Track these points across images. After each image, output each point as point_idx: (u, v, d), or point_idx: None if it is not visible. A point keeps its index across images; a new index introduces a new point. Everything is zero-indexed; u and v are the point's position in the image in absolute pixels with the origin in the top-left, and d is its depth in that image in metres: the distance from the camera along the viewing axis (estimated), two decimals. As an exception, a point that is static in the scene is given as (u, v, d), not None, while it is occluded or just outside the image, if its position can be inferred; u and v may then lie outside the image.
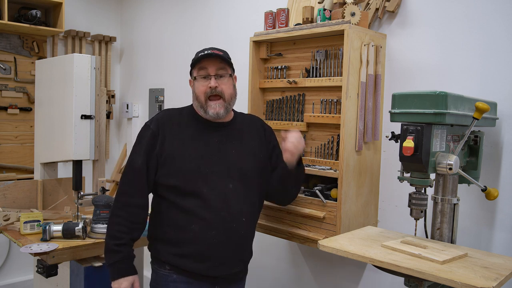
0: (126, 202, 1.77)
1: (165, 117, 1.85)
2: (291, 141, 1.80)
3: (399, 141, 1.64)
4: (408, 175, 1.68)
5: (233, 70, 1.87)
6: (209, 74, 1.78)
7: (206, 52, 1.78)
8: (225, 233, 1.74)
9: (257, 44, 2.39)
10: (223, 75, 1.80)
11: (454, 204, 1.73)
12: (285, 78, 2.33)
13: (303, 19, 2.20)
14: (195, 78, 1.82)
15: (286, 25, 2.29)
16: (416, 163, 1.58)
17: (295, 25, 2.21)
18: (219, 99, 1.78)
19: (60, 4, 3.53)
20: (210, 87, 1.76)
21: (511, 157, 1.84)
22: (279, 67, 2.36)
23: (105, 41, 4.05)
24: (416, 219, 1.69)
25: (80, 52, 3.86)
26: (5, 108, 3.55)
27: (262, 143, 1.93)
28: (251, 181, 1.83)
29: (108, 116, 4.06)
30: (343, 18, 2.01)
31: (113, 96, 4.10)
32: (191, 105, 1.90)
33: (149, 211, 1.88)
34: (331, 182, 2.12)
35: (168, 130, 1.80)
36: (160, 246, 1.80)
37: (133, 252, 1.80)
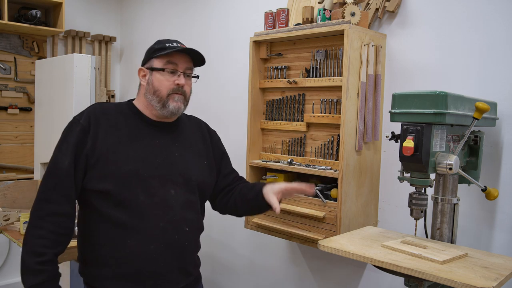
0: (52, 211, 1.46)
1: (97, 110, 1.57)
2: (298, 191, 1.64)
3: (399, 141, 1.64)
4: (408, 175, 1.68)
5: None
6: (177, 70, 1.59)
7: (175, 44, 1.60)
8: (166, 246, 1.52)
9: (257, 44, 2.39)
10: (189, 75, 1.63)
11: (454, 204, 1.73)
12: (285, 78, 2.33)
13: (303, 19, 2.20)
14: (155, 69, 1.59)
15: (286, 25, 2.29)
16: (416, 163, 1.58)
17: (295, 25, 2.21)
18: (181, 95, 1.61)
19: (60, 4, 3.53)
20: (178, 84, 1.57)
21: (511, 157, 1.84)
22: (279, 67, 2.36)
23: (105, 41, 4.05)
24: (416, 219, 1.69)
25: (80, 52, 3.86)
26: (5, 108, 3.55)
27: (208, 147, 1.75)
28: (196, 186, 1.64)
29: (108, 116, 4.05)
30: (343, 18, 2.01)
31: (113, 96, 4.09)
32: (129, 101, 1.67)
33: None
34: (331, 182, 2.12)
35: (102, 126, 1.54)
36: (93, 269, 1.54)
37: (58, 270, 1.50)
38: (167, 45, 1.59)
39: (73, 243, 2.12)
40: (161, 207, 1.53)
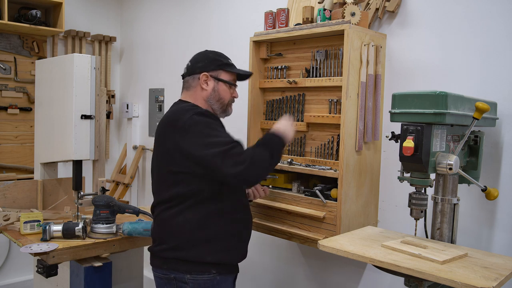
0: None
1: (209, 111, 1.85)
2: None
3: (399, 141, 1.64)
4: (408, 175, 1.68)
5: None
6: (236, 85, 1.95)
7: (231, 61, 1.94)
8: (250, 215, 1.94)
9: (257, 44, 2.39)
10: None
11: (454, 204, 1.73)
12: (285, 78, 2.33)
13: (303, 19, 2.20)
14: (223, 81, 1.87)
15: (286, 25, 2.29)
16: (416, 163, 1.58)
17: (295, 25, 2.21)
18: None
19: (60, 4, 3.53)
20: (235, 97, 1.94)
21: (511, 157, 1.84)
22: (279, 67, 2.36)
23: (105, 41, 4.05)
24: (416, 219, 1.70)
25: (80, 52, 3.86)
26: (5, 108, 3.55)
27: None
28: None
29: (108, 116, 4.06)
30: (343, 18, 2.01)
31: (113, 96, 4.10)
32: (194, 104, 1.86)
33: (180, 214, 1.76)
34: (331, 182, 2.12)
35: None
36: (206, 246, 1.74)
37: None
38: (231, 61, 1.94)
39: (74, 243, 2.13)
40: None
